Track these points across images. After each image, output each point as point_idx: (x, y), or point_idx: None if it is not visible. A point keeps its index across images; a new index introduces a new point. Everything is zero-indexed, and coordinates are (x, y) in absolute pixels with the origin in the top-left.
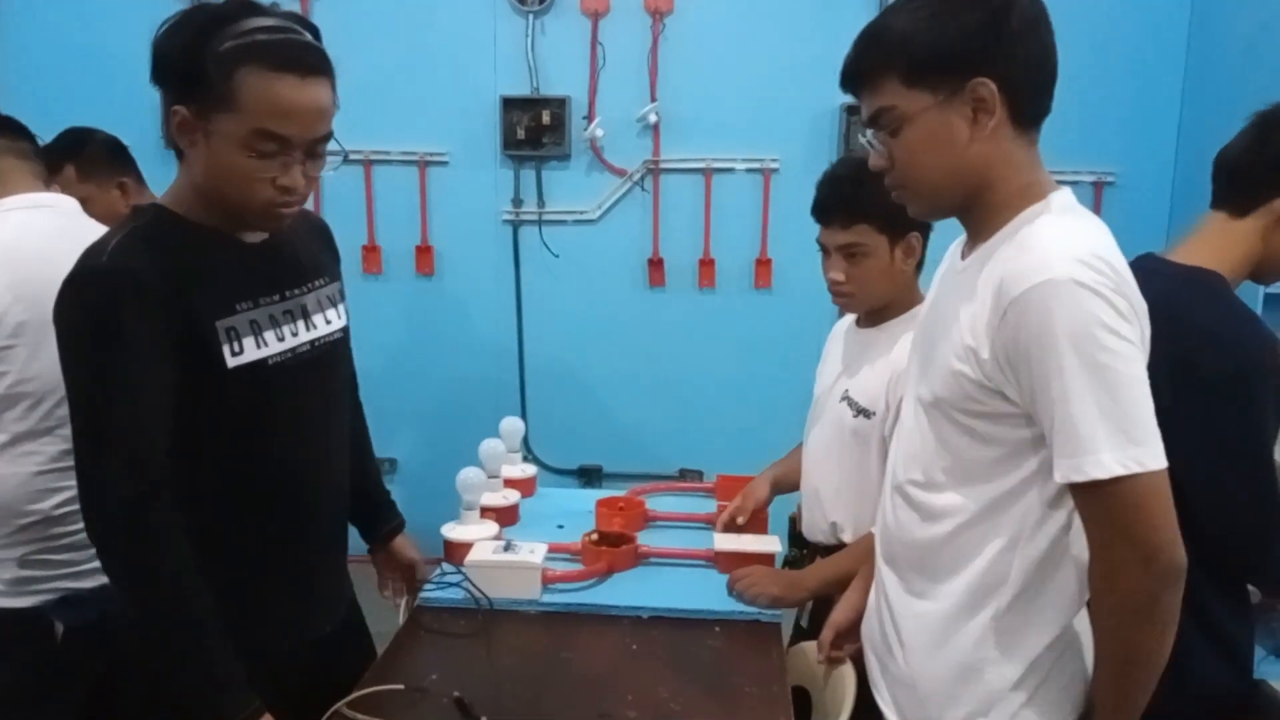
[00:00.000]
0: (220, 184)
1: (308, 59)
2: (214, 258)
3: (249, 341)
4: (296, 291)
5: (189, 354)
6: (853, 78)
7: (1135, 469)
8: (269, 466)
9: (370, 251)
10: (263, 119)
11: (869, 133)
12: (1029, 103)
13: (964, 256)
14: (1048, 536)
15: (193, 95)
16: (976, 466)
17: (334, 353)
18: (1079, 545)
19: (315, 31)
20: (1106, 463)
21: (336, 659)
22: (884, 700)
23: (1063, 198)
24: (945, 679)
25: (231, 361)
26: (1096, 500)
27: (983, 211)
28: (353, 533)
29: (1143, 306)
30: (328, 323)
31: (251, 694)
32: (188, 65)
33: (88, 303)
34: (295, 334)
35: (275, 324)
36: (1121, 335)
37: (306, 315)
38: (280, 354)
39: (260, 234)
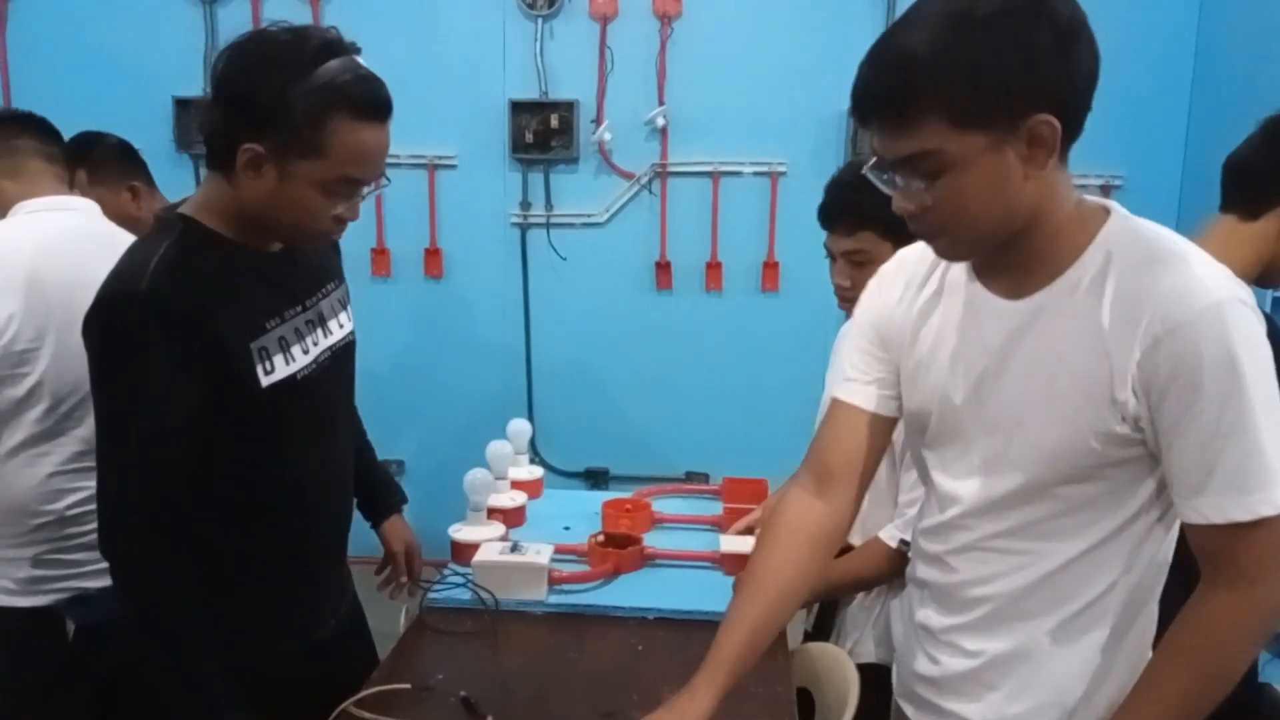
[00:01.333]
0: (281, 214)
1: (384, 100)
2: (242, 275)
3: (279, 359)
4: (313, 300)
5: (218, 377)
6: (874, 112)
7: None
8: (283, 474)
9: (379, 254)
10: (348, 167)
11: (894, 176)
12: (1078, 126)
13: (1010, 293)
14: (1143, 568)
15: (274, 136)
16: (1083, 510)
17: (347, 357)
18: (1160, 579)
19: (358, 51)
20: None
21: (339, 659)
22: None
23: (1117, 207)
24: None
25: (265, 381)
26: (1259, 539)
27: (1032, 245)
28: (354, 533)
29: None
30: (340, 327)
31: (236, 715)
32: (273, 109)
33: (120, 325)
34: (316, 344)
35: (300, 337)
36: (1271, 356)
37: (324, 322)
38: (305, 367)
39: (277, 246)
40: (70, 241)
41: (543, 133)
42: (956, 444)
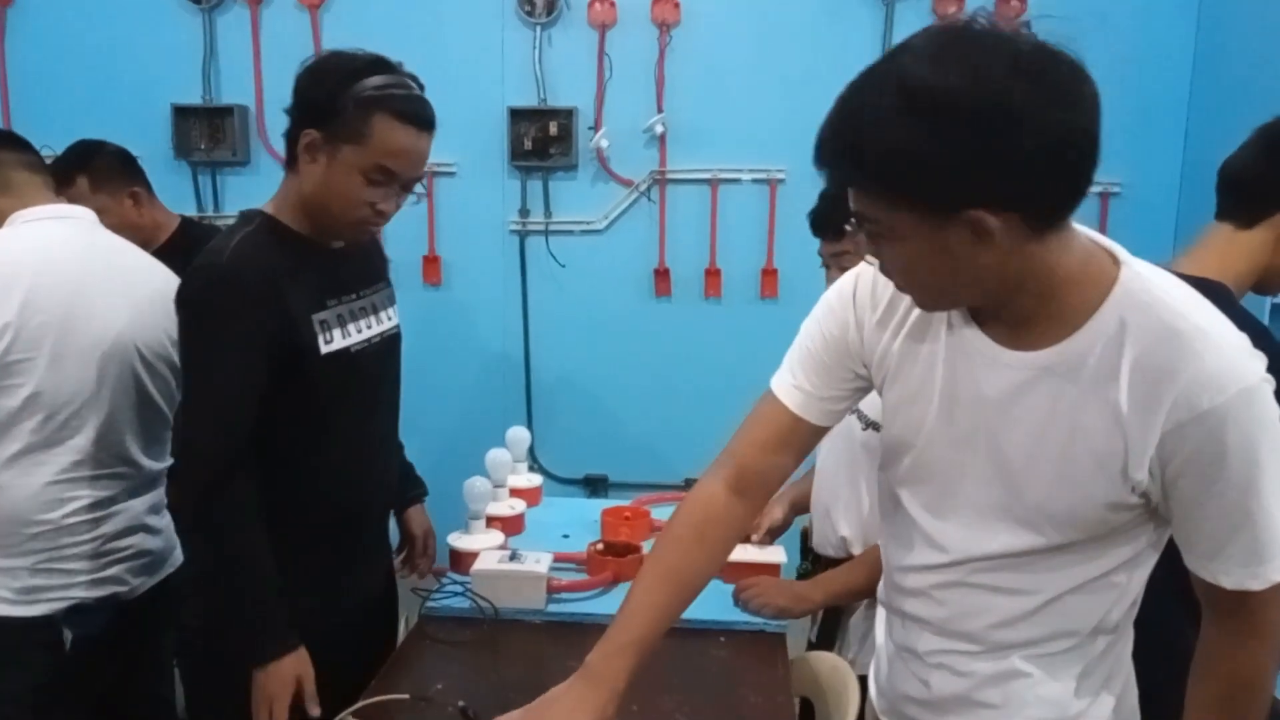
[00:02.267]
0: (328, 199)
1: (426, 115)
2: (307, 262)
3: (336, 333)
4: (367, 292)
5: (285, 344)
6: (825, 169)
7: None
8: (336, 440)
9: None
10: (384, 157)
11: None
12: (1052, 211)
13: (1014, 343)
14: (1136, 591)
15: (328, 125)
16: (1082, 552)
17: (395, 345)
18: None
19: (423, 88)
20: None
21: (375, 623)
22: None
23: (1126, 259)
24: None
25: (324, 349)
26: (1266, 600)
27: (1031, 302)
28: None
29: None
30: (389, 319)
31: (293, 633)
32: (330, 102)
33: (202, 293)
34: (369, 327)
35: (354, 318)
36: None
37: (375, 312)
38: (360, 343)
39: (340, 243)
40: (68, 251)
41: (541, 140)
42: (937, 485)
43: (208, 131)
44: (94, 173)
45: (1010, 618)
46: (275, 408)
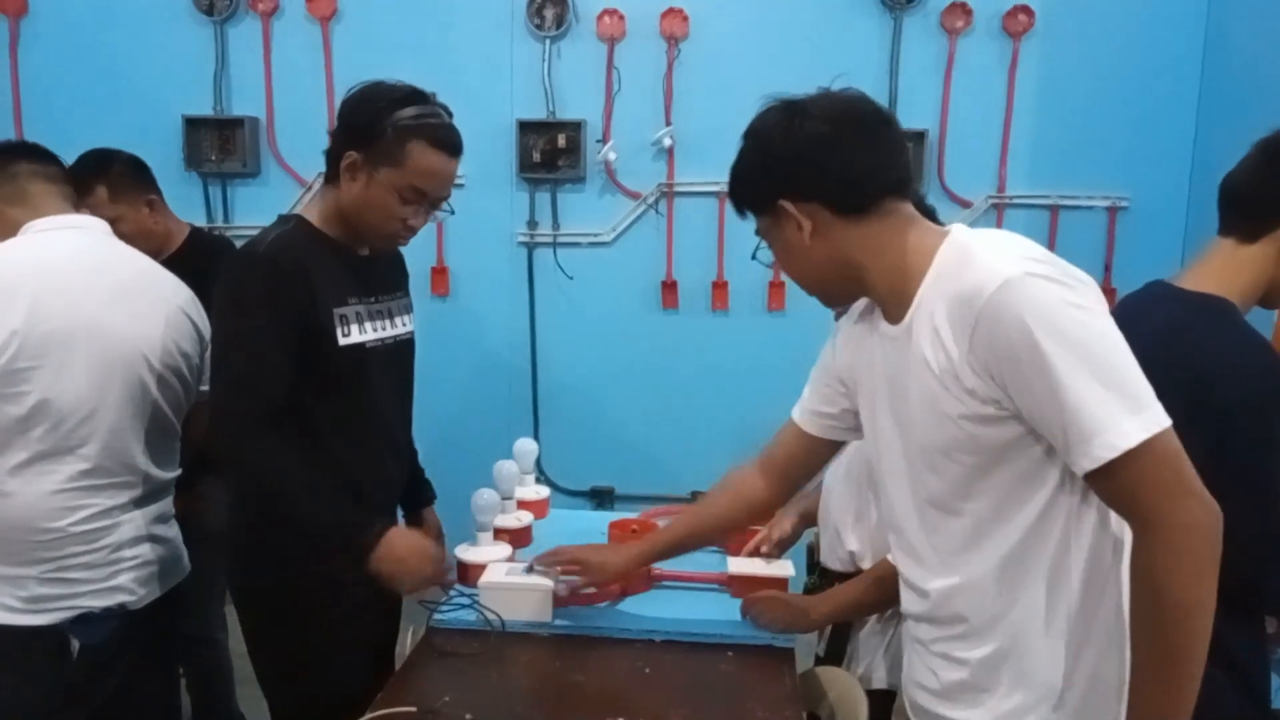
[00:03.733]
0: (365, 213)
1: (455, 142)
2: (334, 261)
3: (354, 328)
4: (385, 298)
5: (309, 330)
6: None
7: (1156, 429)
8: (351, 437)
9: None
10: (418, 179)
11: None
12: (852, 199)
13: (893, 321)
14: (1089, 541)
15: (368, 147)
16: (1000, 497)
17: (409, 348)
18: (1118, 557)
19: (450, 115)
20: (1131, 431)
21: (378, 620)
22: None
23: (960, 228)
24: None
25: (342, 341)
26: (1131, 475)
27: (879, 286)
28: None
29: (1091, 281)
30: (405, 325)
31: (373, 520)
32: (369, 126)
33: (238, 277)
34: (385, 329)
35: (372, 318)
36: (1089, 309)
37: (392, 316)
38: (374, 341)
39: (365, 249)
40: (76, 260)
41: (550, 152)
42: (883, 466)
43: (218, 143)
44: (112, 181)
45: (978, 585)
46: (301, 392)
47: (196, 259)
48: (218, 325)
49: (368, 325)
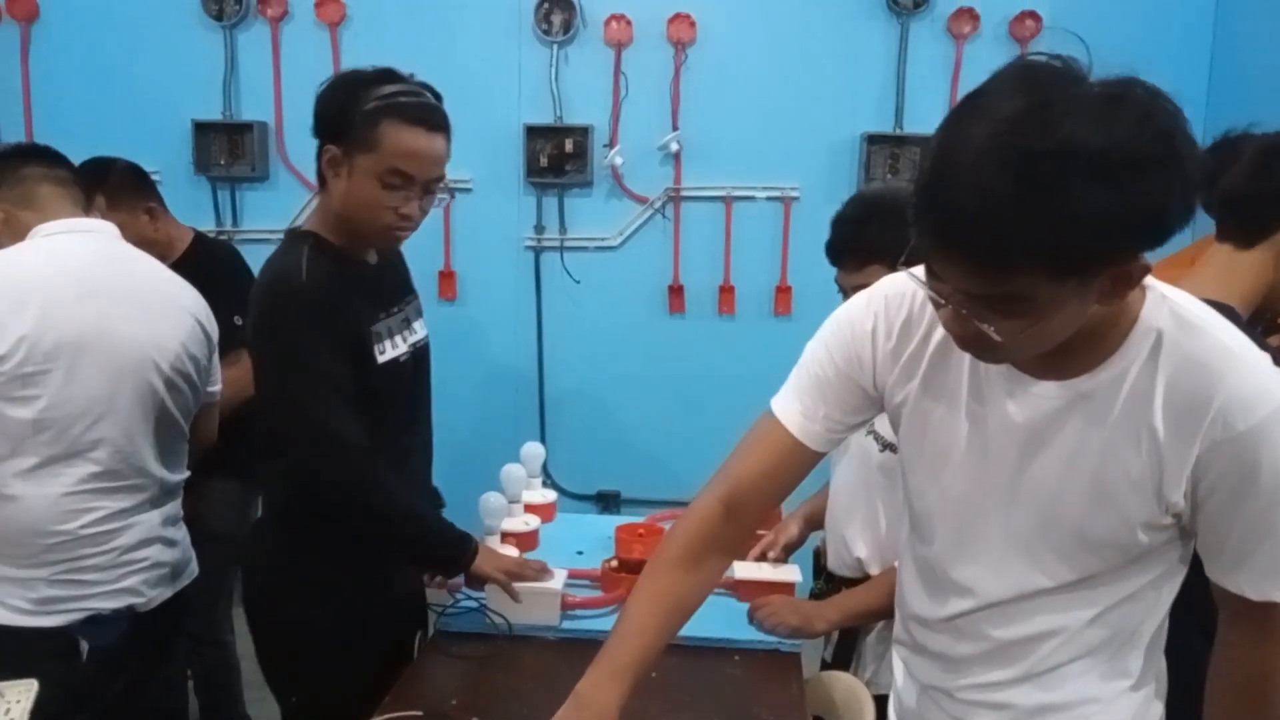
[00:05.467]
0: (353, 209)
1: (434, 118)
2: (357, 276)
3: (387, 343)
4: (400, 306)
5: (352, 351)
6: (958, 246)
7: None
8: (391, 443)
9: None
10: (395, 159)
11: (960, 303)
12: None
13: (1041, 375)
14: (1165, 609)
15: (343, 138)
16: (1112, 575)
17: (426, 354)
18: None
19: (439, 96)
20: None
21: (417, 614)
22: None
23: (1151, 282)
24: None
25: (380, 359)
26: None
27: (1079, 341)
28: None
29: None
30: (421, 330)
31: (470, 536)
32: (341, 115)
33: (284, 307)
34: (407, 339)
35: (396, 331)
36: None
37: (410, 323)
38: (402, 353)
39: (373, 256)
40: (85, 264)
41: (557, 157)
42: (963, 521)
43: (227, 147)
44: (110, 190)
45: (1040, 649)
46: None
47: (201, 265)
48: (286, 365)
49: (397, 339)
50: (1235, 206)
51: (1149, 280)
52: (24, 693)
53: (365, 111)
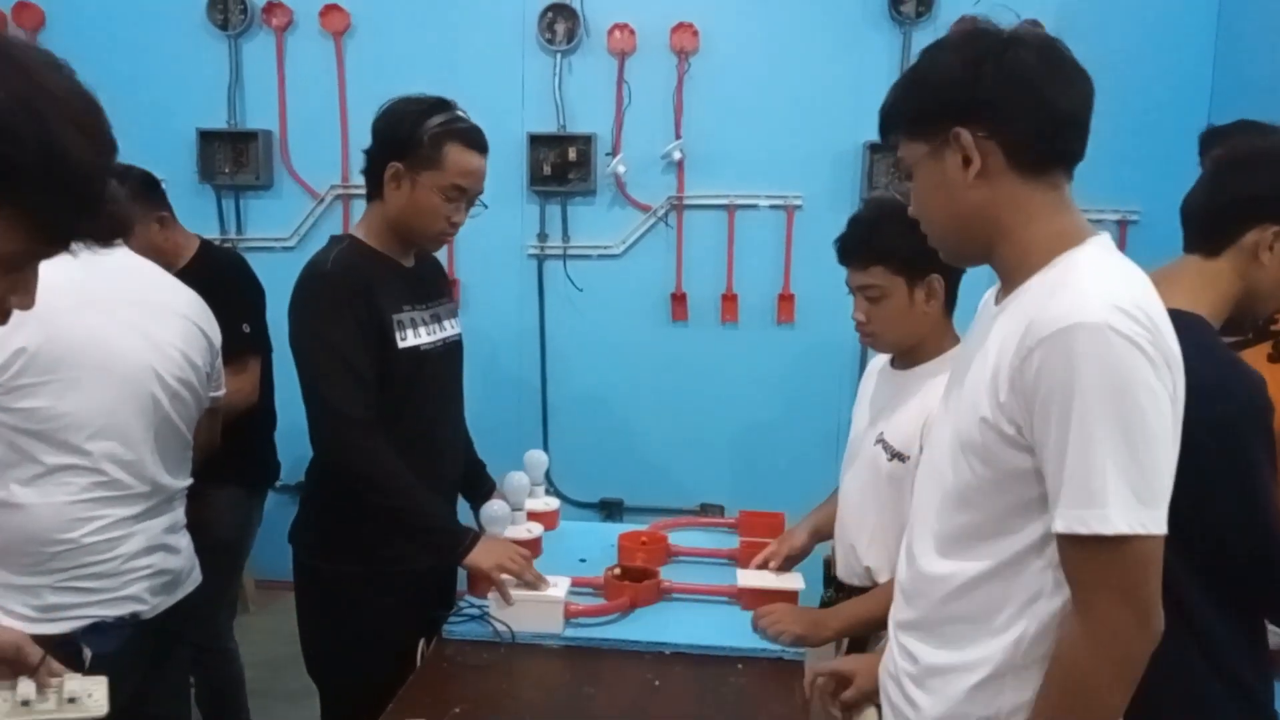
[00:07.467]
0: (413, 217)
1: (484, 141)
2: (388, 273)
3: (410, 333)
4: (434, 304)
5: (374, 336)
6: (881, 130)
7: (1140, 531)
8: (418, 429)
9: None
10: (457, 177)
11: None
12: (1027, 149)
13: (998, 301)
14: (1054, 606)
15: (408, 157)
16: (989, 522)
17: (459, 349)
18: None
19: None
20: (1114, 520)
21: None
22: None
23: (1100, 242)
24: None
25: (401, 344)
26: (1092, 556)
27: (1007, 258)
28: None
29: (1178, 360)
30: (454, 328)
31: (468, 528)
32: (408, 138)
33: (317, 292)
34: (436, 332)
35: (425, 323)
36: (1154, 391)
37: (440, 320)
38: (428, 343)
39: (410, 260)
40: (86, 273)
41: (560, 165)
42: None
43: (232, 155)
44: None
45: (943, 538)
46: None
47: (207, 272)
48: (302, 340)
49: (422, 330)
50: (1198, 218)
51: (1100, 239)
52: (96, 685)
53: (432, 135)
